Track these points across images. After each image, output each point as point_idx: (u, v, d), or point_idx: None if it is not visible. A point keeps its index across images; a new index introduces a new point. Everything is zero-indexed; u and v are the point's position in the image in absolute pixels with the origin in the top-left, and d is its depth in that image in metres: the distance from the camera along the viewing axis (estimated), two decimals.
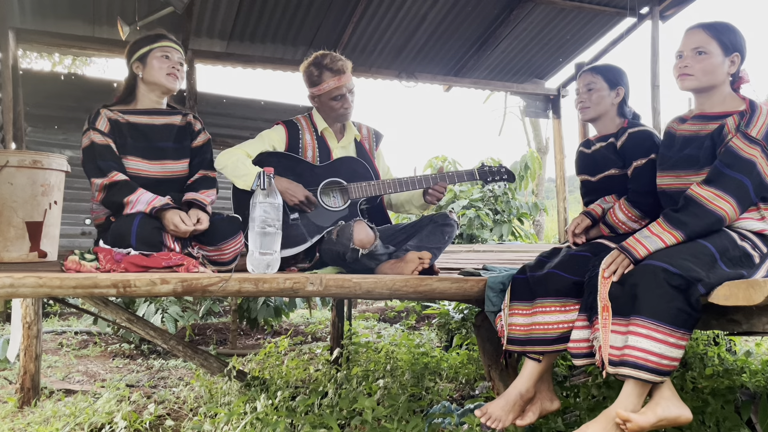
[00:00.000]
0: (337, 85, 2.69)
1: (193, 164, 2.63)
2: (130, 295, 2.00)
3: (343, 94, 2.70)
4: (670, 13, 5.56)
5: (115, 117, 2.50)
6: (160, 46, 2.54)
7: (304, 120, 2.81)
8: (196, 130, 2.67)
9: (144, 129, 2.54)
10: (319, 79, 2.72)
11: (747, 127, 1.91)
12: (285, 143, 2.73)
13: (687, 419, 1.79)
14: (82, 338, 5.56)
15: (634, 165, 2.29)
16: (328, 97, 2.71)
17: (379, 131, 2.98)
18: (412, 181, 2.69)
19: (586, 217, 2.35)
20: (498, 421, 2.06)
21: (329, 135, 2.79)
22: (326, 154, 2.75)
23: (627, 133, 2.34)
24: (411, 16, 5.36)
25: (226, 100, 5.55)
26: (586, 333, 1.95)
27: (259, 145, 2.68)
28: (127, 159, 2.49)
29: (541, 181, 14.73)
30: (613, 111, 2.43)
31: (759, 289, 1.65)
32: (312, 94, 2.78)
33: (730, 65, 2.03)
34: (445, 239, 2.73)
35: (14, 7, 4.51)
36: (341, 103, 2.71)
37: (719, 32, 2.03)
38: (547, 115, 6.85)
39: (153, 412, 3.10)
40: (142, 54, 2.53)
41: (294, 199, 2.54)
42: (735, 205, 1.88)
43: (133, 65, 2.55)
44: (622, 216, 2.26)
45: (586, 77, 2.44)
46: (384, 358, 3.84)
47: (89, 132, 2.45)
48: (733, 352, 3.72)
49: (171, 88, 2.56)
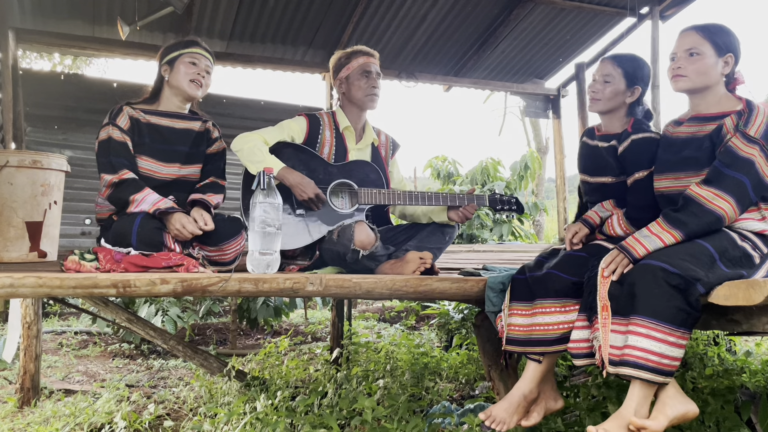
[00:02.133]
0: (366, 61, 2.71)
1: (205, 170, 2.65)
2: (129, 295, 2.00)
3: (370, 71, 2.70)
4: (670, 13, 5.56)
5: (136, 115, 2.52)
6: (190, 52, 2.56)
7: (327, 116, 2.78)
8: (213, 137, 2.69)
9: (163, 131, 2.55)
10: (347, 61, 2.74)
11: (746, 126, 1.92)
12: (304, 136, 2.71)
13: (695, 413, 1.81)
14: (82, 338, 5.56)
15: (635, 177, 2.21)
16: (357, 73, 2.70)
17: (396, 141, 2.96)
18: (423, 196, 2.66)
19: (584, 225, 2.30)
20: (503, 423, 2.05)
21: (349, 135, 2.77)
22: (342, 154, 2.73)
23: (630, 140, 2.23)
24: (411, 16, 5.36)
25: (226, 100, 5.56)
26: (586, 333, 1.95)
27: (278, 133, 2.65)
28: (140, 159, 2.50)
29: (541, 181, 14.75)
30: (623, 109, 2.32)
31: (759, 289, 1.65)
32: (340, 79, 2.76)
33: (724, 66, 2.03)
34: (445, 239, 2.72)
35: (14, 7, 4.51)
36: (369, 81, 2.70)
37: (712, 33, 2.03)
38: (547, 115, 6.86)
39: (153, 412, 3.10)
40: (171, 58, 2.55)
41: (304, 195, 2.52)
42: (734, 205, 1.88)
43: (162, 67, 2.57)
44: (619, 230, 2.22)
45: (606, 67, 2.31)
46: (384, 358, 3.84)
47: (109, 126, 2.46)
48: (733, 352, 3.72)
49: (192, 94, 2.56)
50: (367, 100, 2.72)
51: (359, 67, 2.71)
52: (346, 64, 2.73)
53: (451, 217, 2.70)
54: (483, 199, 2.75)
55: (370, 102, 2.73)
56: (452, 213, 2.70)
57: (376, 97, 2.73)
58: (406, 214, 2.91)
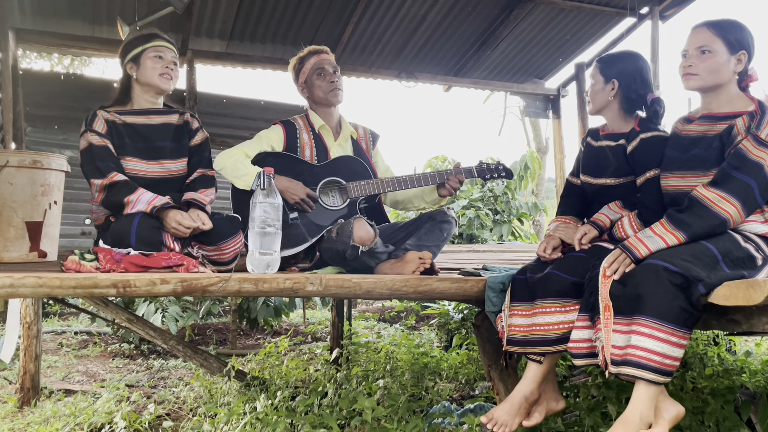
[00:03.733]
0: (317, 60, 2.77)
1: (191, 163, 2.63)
2: (130, 295, 2.00)
3: (323, 68, 2.76)
4: (670, 13, 5.56)
5: (111, 118, 2.50)
6: (153, 45, 2.53)
7: (301, 119, 2.83)
8: (194, 128, 2.66)
9: (141, 129, 2.53)
10: (301, 65, 2.81)
11: (757, 129, 1.89)
12: (283, 143, 2.74)
13: (683, 413, 1.84)
14: (82, 338, 5.56)
15: (646, 176, 2.16)
16: (312, 74, 2.77)
17: (375, 131, 2.99)
18: (410, 179, 2.70)
19: (593, 227, 2.22)
20: (505, 426, 2.05)
21: (326, 133, 2.80)
22: (324, 153, 2.76)
23: (639, 139, 2.19)
24: (411, 16, 5.35)
25: (226, 100, 5.55)
26: (587, 333, 1.94)
27: (257, 145, 2.69)
28: (125, 160, 2.48)
29: (541, 181, 14.74)
30: (615, 106, 2.26)
31: (759, 289, 1.65)
32: (300, 85, 2.83)
33: (737, 63, 1.99)
34: (443, 236, 2.73)
35: (14, 7, 4.51)
36: (326, 78, 2.75)
37: (724, 30, 1.99)
38: (547, 115, 6.85)
39: (153, 412, 3.10)
40: (135, 54, 2.53)
41: (295, 197, 2.53)
42: (740, 208, 1.86)
43: (126, 66, 2.54)
44: (630, 232, 2.13)
45: (593, 71, 2.30)
46: (384, 358, 3.83)
47: (87, 134, 2.45)
48: (733, 352, 3.71)
49: (164, 88, 2.55)
50: (330, 96, 2.77)
51: (312, 68, 2.78)
52: (300, 69, 2.81)
53: (441, 193, 2.79)
54: (471, 171, 2.80)
55: (333, 97, 2.78)
56: (441, 189, 2.78)
57: (339, 91, 2.78)
58: (398, 201, 2.93)
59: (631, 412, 1.76)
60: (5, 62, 4.27)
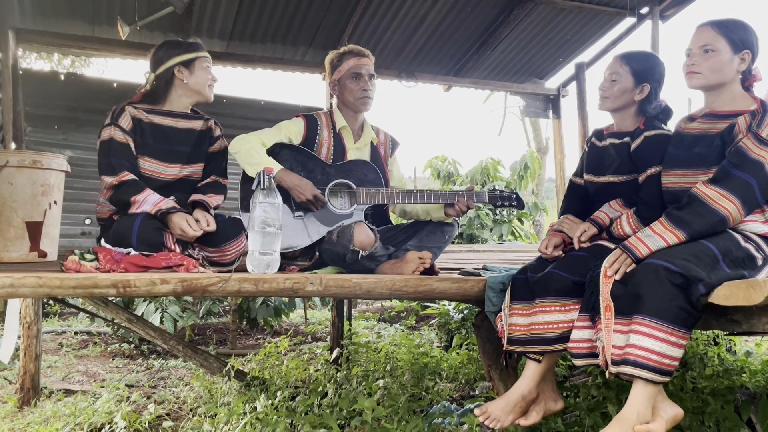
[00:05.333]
0: (356, 63, 2.70)
1: (206, 169, 2.64)
2: (130, 295, 2.00)
3: (360, 73, 2.69)
4: (670, 13, 5.56)
5: (138, 115, 2.49)
6: (205, 56, 2.57)
7: (324, 116, 2.78)
8: (215, 135, 2.68)
9: (167, 131, 2.53)
10: (339, 63, 2.74)
11: (758, 127, 1.89)
12: (302, 136, 2.71)
13: (682, 415, 1.83)
14: (82, 338, 5.56)
15: (648, 173, 2.18)
16: (348, 76, 2.70)
17: (396, 139, 2.95)
18: (421, 194, 2.65)
19: (593, 225, 2.24)
20: (497, 421, 2.05)
21: (347, 134, 2.76)
22: (341, 154, 2.73)
23: (643, 137, 2.20)
24: (411, 16, 5.35)
25: (226, 100, 5.55)
26: (587, 333, 1.94)
27: (275, 134, 2.65)
28: (143, 159, 2.49)
29: (541, 181, 14.75)
30: (633, 108, 2.29)
31: (759, 289, 1.65)
32: (333, 81, 2.76)
33: (740, 63, 2.00)
34: (445, 238, 2.73)
35: (14, 7, 4.51)
36: (360, 83, 2.69)
37: (728, 30, 2.00)
38: (547, 115, 6.85)
39: (153, 412, 3.10)
40: (188, 59, 2.52)
41: (302, 196, 2.52)
42: (739, 206, 1.86)
43: (174, 68, 2.52)
44: (628, 229, 2.16)
45: (614, 65, 2.29)
46: (384, 358, 3.84)
47: (111, 127, 2.44)
48: (733, 352, 3.72)
49: (211, 99, 2.60)
50: (359, 103, 2.72)
51: (349, 70, 2.71)
52: (337, 66, 2.74)
53: (449, 213, 2.72)
54: (482, 196, 2.75)
55: (362, 105, 2.72)
56: (449, 209, 2.71)
57: (369, 100, 2.72)
58: (406, 212, 2.91)
59: (628, 411, 1.76)
60: (5, 62, 4.27)
